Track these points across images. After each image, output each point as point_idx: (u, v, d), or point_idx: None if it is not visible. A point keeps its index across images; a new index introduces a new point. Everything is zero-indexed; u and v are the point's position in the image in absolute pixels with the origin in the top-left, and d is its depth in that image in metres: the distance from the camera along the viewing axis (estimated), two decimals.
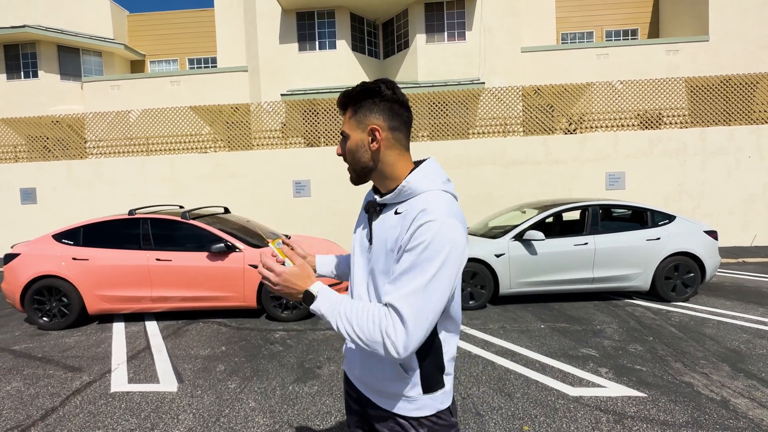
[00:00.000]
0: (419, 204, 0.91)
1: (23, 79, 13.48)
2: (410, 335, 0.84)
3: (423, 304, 0.84)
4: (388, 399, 1.00)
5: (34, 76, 13.44)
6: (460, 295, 1.04)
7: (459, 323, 1.04)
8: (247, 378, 3.20)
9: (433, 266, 0.84)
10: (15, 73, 13.51)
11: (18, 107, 13.15)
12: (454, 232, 0.86)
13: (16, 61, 13.48)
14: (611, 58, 12.18)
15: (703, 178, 8.35)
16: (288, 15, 12.17)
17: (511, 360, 3.39)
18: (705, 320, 4.22)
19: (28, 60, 13.44)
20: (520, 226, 4.95)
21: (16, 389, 3.13)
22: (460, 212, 0.93)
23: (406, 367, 0.97)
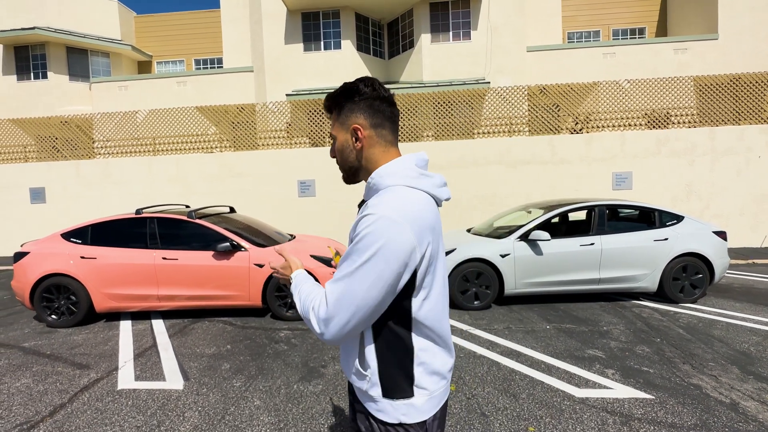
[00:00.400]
0: (373, 199, 0.92)
1: (33, 80, 13.66)
2: (330, 318, 0.87)
3: (345, 291, 0.85)
4: (360, 394, 1.00)
5: (44, 77, 13.62)
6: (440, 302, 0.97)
7: (441, 334, 0.98)
8: (252, 377, 3.21)
9: (361, 257, 0.84)
10: (25, 74, 13.70)
11: (28, 108, 13.33)
12: (391, 228, 0.83)
13: (26, 62, 13.67)
14: (618, 57, 12.06)
15: (712, 178, 8.24)
16: (293, 15, 12.21)
17: (516, 360, 3.37)
18: (714, 322, 4.17)
19: (37, 61, 13.63)
20: (526, 226, 4.92)
21: (25, 385, 3.17)
22: (425, 211, 0.90)
23: (363, 363, 0.96)
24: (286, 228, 8.42)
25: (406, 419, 0.95)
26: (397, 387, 0.95)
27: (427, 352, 0.96)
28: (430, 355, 0.97)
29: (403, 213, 0.86)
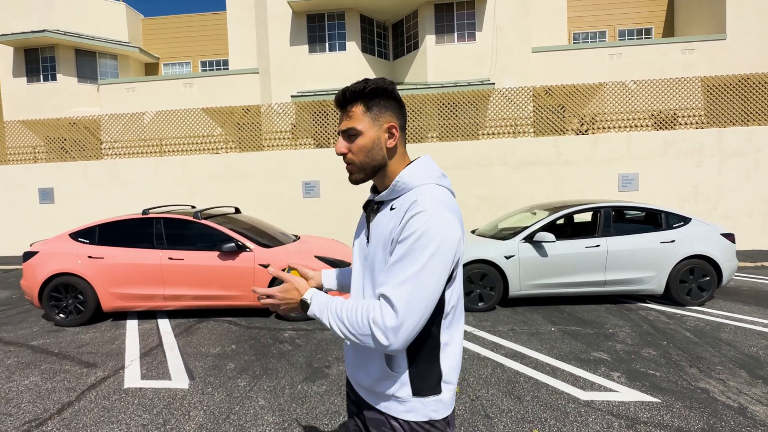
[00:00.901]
0: (412, 197, 0.93)
1: (42, 82, 13.85)
2: (401, 322, 0.84)
3: (415, 292, 0.85)
4: (379, 399, 0.99)
5: (53, 79, 13.81)
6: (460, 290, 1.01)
7: (461, 325, 1.01)
8: (257, 376, 3.23)
9: (425, 255, 0.85)
10: (35, 76, 13.90)
11: (37, 109, 13.52)
12: (446, 222, 0.87)
13: (35, 64, 13.87)
14: (624, 58, 11.98)
15: (720, 179, 8.15)
16: (298, 17, 12.28)
17: (521, 362, 3.35)
18: (721, 325, 4.12)
19: (47, 63, 13.82)
20: (531, 228, 4.90)
21: (34, 383, 3.21)
22: (456, 206, 0.94)
23: (393, 365, 0.95)
24: (290, 228, 8.45)
25: (435, 415, 0.96)
26: (428, 384, 0.95)
27: (450, 346, 0.98)
28: (452, 348, 0.99)
29: (450, 208, 0.90)
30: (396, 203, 0.96)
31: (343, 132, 1.00)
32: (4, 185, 9.72)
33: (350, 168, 1.01)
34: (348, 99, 0.98)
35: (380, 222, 0.98)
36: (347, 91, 0.98)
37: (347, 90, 0.98)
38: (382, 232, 0.95)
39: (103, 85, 13.74)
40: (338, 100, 1.00)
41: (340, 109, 1.01)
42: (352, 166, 1.01)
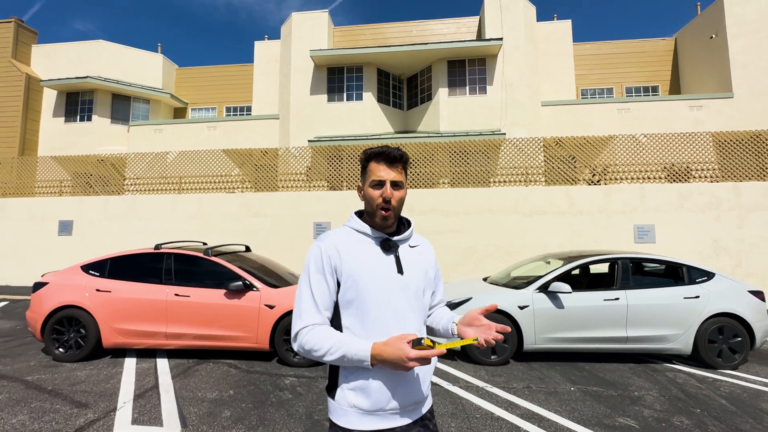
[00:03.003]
0: (418, 237, 1.34)
1: (78, 122, 14.83)
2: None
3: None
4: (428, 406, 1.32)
5: (88, 119, 14.78)
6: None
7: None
8: (253, 427, 3.02)
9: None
10: (72, 116, 14.92)
11: (69, 146, 14.34)
12: None
13: (75, 106, 14.95)
14: (633, 113, 12.29)
15: (741, 234, 7.90)
16: (320, 70, 13.15)
17: (539, 426, 3.07)
18: (760, 393, 3.76)
19: (85, 105, 14.88)
20: (545, 277, 4.73)
21: (20, 422, 3.06)
22: None
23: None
24: (300, 269, 8.38)
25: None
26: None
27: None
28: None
29: None
30: (412, 242, 1.30)
31: (393, 183, 1.22)
32: (27, 216, 10.05)
33: (389, 214, 1.21)
34: (399, 158, 1.23)
35: (409, 255, 1.26)
36: (401, 153, 1.24)
37: (401, 152, 1.24)
38: (418, 263, 1.27)
39: (133, 126, 14.62)
40: (393, 156, 1.22)
41: (389, 163, 1.22)
42: (391, 212, 1.22)
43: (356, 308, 1.17)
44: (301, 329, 1.14)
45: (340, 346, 1.10)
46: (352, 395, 1.14)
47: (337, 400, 1.17)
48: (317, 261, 1.18)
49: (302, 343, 1.13)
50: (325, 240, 1.21)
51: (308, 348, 1.12)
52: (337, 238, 1.21)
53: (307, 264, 1.20)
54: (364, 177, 1.27)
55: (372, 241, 1.22)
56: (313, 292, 1.16)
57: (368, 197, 1.23)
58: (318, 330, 1.14)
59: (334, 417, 1.17)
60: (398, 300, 1.19)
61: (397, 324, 1.17)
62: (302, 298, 1.17)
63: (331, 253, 1.18)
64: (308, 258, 1.20)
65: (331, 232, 1.24)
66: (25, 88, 14.56)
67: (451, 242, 8.62)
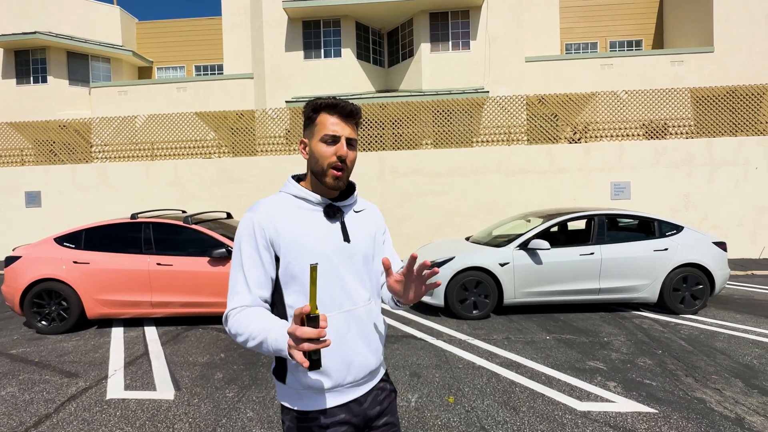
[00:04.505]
0: (363, 202, 1.23)
1: (32, 84, 13.65)
2: None
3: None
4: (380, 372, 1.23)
5: (43, 81, 13.62)
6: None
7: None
8: (246, 387, 3.13)
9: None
10: (24, 78, 13.70)
11: (26, 112, 13.30)
12: None
13: (26, 66, 13.68)
14: (616, 69, 12.19)
15: (710, 189, 8.26)
16: (294, 23, 12.31)
17: (516, 372, 3.30)
18: (715, 333, 4.12)
19: (38, 65, 13.63)
20: (525, 235, 4.88)
21: (10, 394, 3.07)
22: None
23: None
24: None
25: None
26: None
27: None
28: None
29: None
30: (357, 207, 1.18)
31: (347, 140, 1.07)
32: None
33: (342, 174, 1.07)
34: (356, 113, 1.09)
35: (355, 221, 1.14)
36: (357, 107, 1.09)
37: (355, 106, 1.09)
38: (365, 229, 1.15)
39: (94, 88, 13.59)
40: (349, 110, 1.07)
41: (343, 117, 1.07)
42: (344, 173, 1.08)
43: (300, 284, 1.03)
44: (229, 312, 1.00)
45: (261, 331, 0.92)
46: (305, 377, 1.02)
47: (289, 383, 1.04)
48: (249, 235, 1.03)
49: (229, 327, 0.99)
50: (257, 210, 1.05)
51: (234, 332, 0.98)
52: (272, 207, 1.05)
53: (238, 239, 1.05)
54: (310, 130, 1.09)
55: (314, 208, 1.08)
56: (245, 270, 1.02)
57: (318, 154, 1.06)
58: (246, 313, 0.98)
59: (287, 402, 1.06)
60: (346, 271, 1.07)
61: (347, 297, 1.06)
62: (234, 277, 1.03)
63: (265, 224, 1.02)
64: (239, 232, 1.05)
65: (265, 200, 1.08)
66: None
67: (435, 203, 8.69)
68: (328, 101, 1.06)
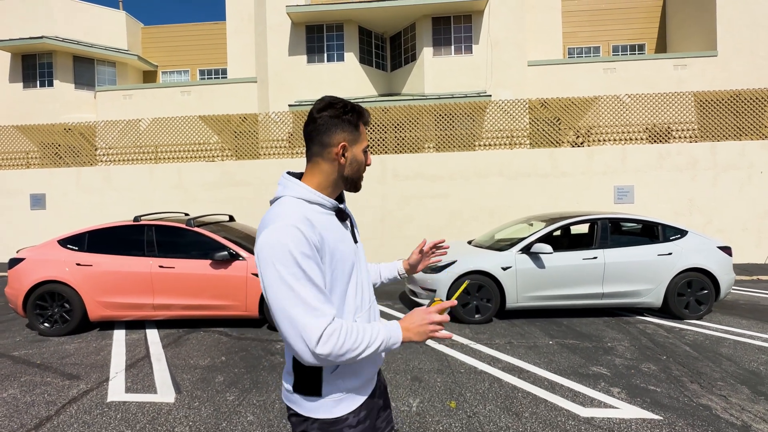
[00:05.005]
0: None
1: (39, 88, 13.79)
2: None
3: None
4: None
5: (50, 85, 13.75)
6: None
7: None
8: (246, 390, 3.12)
9: None
10: (31, 81, 13.85)
11: (32, 115, 13.42)
12: None
13: (32, 70, 13.82)
14: (618, 73, 12.17)
15: (714, 193, 8.20)
16: (298, 28, 12.39)
17: (518, 377, 3.27)
18: (721, 339, 4.07)
19: (44, 69, 13.78)
20: (528, 239, 4.86)
21: (12, 396, 3.07)
22: None
23: None
24: None
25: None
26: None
27: None
28: None
29: None
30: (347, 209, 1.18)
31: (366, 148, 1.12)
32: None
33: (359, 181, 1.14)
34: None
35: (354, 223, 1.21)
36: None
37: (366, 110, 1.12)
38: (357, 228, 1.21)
39: (100, 92, 13.71)
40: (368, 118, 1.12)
41: (366, 125, 1.12)
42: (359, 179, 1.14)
43: (338, 294, 1.02)
44: (325, 329, 0.89)
45: (374, 335, 0.95)
46: (343, 382, 1.02)
47: (326, 394, 1.01)
48: (302, 245, 0.92)
49: (335, 345, 0.89)
50: (296, 217, 0.95)
51: (346, 349, 0.90)
52: (305, 214, 0.97)
53: (288, 252, 0.90)
54: (353, 137, 1.06)
55: (329, 212, 1.05)
56: (315, 283, 0.92)
57: (360, 162, 1.09)
58: (345, 325, 0.94)
59: (324, 413, 1.01)
60: (362, 271, 1.12)
61: (366, 296, 1.12)
62: (304, 292, 0.90)
63: (311, 233, 0.94)
64: (285, 244, 0.91)
65: (292, 207, 0.98)
66: None
67: (437, 206, 8.68)
68: (365, 110, 1.11)
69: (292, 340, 0.90)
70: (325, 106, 1.05)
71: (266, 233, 0.94)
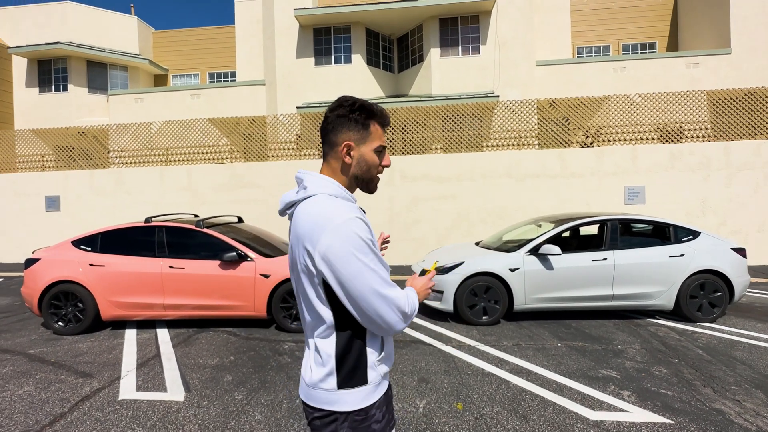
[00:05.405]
0: None
1: (54, 93, 14.13)
2: None
3: None
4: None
5: (64, 89, 14.08)
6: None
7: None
8: (254, 390, 3.14)
9: None
10: (46, 86, 14.20)
11: (48, 119, 13.76)
12: None
13: (48, 75, 14.18)
14: (629, 72, 12.02)
15: (728, 193, 8.03)
16: (305, 31, 12.49)
17: (526, 379, 3.24)
18: (735, 343, 3.98)
19: (59, 74, 14.12)
20: (536, 240, 4.82)
21: (27, 393, 3.15)
22: None
23: None
24: None
25: None
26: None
27: None
28: None
29: None
30: None
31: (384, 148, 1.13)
32: (12, 192, 9.82)
33: (376, 181, 1.15)
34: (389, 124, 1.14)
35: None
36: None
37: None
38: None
39: (112, 96, 13.98)
40: (389, 121, 1.13)
41: (385, 128, 1.13)
42: (376, 179, 1.15)
43: None
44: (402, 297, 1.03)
45: (414, 297, 1.09)
46: (382, 367, 1.08)
47: (371, 380, 1.05)
48: (368, 233, 1.00)
49: (411, 309, 1.04)
50: (352, 211, 1.00)
51: (412, 310, 1.05)
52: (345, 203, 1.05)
53: (359, 243, 0.96)
54: (360, 136, 1.07)
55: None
56: (382, 261, 1.04)
57: (370, 162, 1.09)
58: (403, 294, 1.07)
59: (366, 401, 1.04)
60: None
61: None
62: (382, 273, 1.00)
63: (366, 219, 1.04)
64: (359, 235, 0.96)
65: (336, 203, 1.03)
66: None
67: (444, 208, 8.66)
68: (381, 110, 1.10)
69: (387, 316, 0.99)
70: (335, 105, 1.09)
71: (333, 231, 0.95)
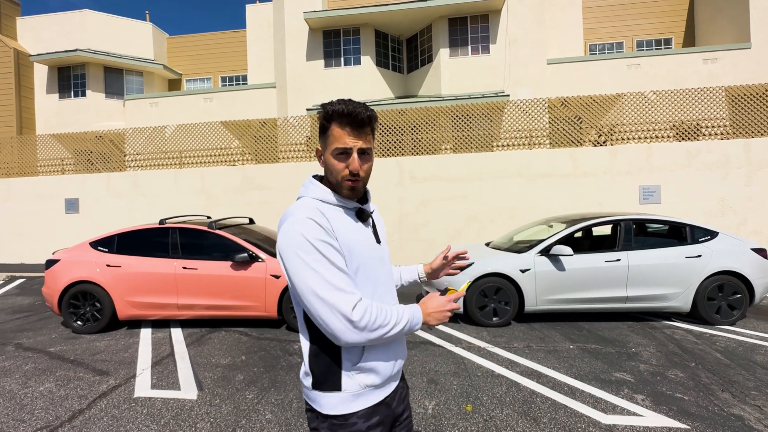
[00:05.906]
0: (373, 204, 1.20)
1: (73, 98, 14.57)
2: None
3: None
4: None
5: (83, 95, 14.50)
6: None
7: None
8: (265, 389, 3.19)
9: None
10: (66, 93, 14.65)
11: (67, 124, 14.18)
12: None
13: (67, 81, 14.63)
14: (643, 69, 11.76)
15: (749, 192, 7.79)
16: (315, 33, 12.60)
17: (537, 382, 3.20)
18: (755, 346, 3.86)
19: (78, 81, 14.55)
20: (547, 241, 4.76)
21: (48, 390, 3.26)
22: None
23: None
24: None
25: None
26: None
27: None
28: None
29: None
30: (371, 207, 1.16)
31: (360, 150, 1.02)
32: (34, 195, 10.15)
33: (358, 185, 1.05)
34: (368, 122, 1.01)
35: (379, 222, 1.19)
36: (369, 114, 1.01)
37: (369, 112, 1.01)
38: (382, 230, 1.18)
39: (128, 101, 14.34)
40: (361, 119, 1.00)
41: (356, 128, 1.00)
42: (359, 183, 1.05)
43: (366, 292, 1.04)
44: (355, 306, 0.93)
45: (401, 314, 0.99)
46: (363, 377, 1.02)
47: (346, 388, 1.01)
48: (318, 233, 0.95)
49: (369, 320, 0.93)
50: (308, 211, 0.98)
51: (378, 324, 0.94)
52: (320, 207, 1.01)
53: (303, 242, 0.93)
54: (323, 140, 1.03)
55: (346, 211, 1.06)
56: (338, 267, 0.95)
57: (331, 168, 1.03)
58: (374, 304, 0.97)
59: (340, 409, 1.01)
60: (381, 272, 1.10)
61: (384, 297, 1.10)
62: (329, 275, 0.93)
63: (324, 221, 0.97)
64: (302, 233, 0.94)
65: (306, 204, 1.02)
66: (15, 64, 14.19)
67: (454, 208, 8.61)
68: (340, 108, 0.99)
69: (327, 320, 0.93)
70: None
71: (283, 228, 0.99)
